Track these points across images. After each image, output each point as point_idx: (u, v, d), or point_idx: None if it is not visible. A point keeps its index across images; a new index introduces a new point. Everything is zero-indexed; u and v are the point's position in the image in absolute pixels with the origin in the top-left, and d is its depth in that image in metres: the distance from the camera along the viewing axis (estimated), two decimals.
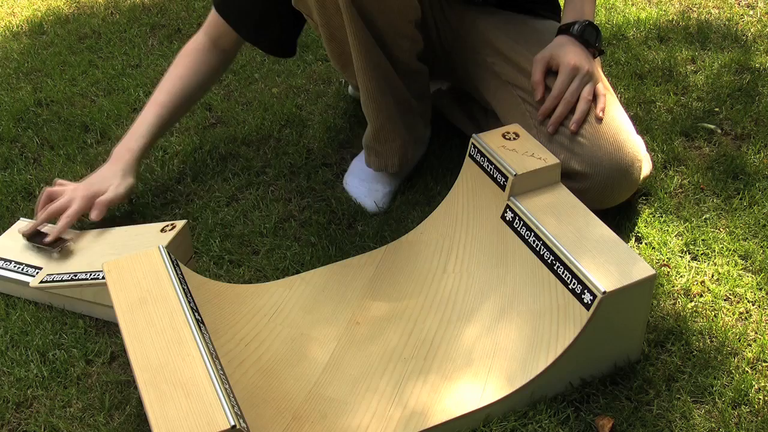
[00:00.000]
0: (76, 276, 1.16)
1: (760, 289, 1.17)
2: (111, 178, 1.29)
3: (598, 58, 1.28)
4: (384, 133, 1.30)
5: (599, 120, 1.19)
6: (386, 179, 1.37)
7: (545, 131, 1.20)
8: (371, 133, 1.31)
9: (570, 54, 1.21)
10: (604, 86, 1.23)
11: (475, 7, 1.37)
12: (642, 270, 0.97)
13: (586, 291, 0.96)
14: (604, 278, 0.96)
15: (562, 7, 1.36)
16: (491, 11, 1.37)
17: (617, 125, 1.20)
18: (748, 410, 1.00)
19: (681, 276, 1.19)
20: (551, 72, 1.23)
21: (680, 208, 1.31)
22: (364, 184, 1.36)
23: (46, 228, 1.25)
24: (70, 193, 1.26)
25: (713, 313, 1.13)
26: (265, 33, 1.35)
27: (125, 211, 1.38)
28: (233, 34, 1.35)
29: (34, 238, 1.24)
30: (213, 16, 1.35)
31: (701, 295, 1.16)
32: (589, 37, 1.24)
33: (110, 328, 1.16)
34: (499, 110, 1.30)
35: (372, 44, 1.17)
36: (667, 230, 1.27)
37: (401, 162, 1.34)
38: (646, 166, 1.24)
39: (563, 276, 1.00)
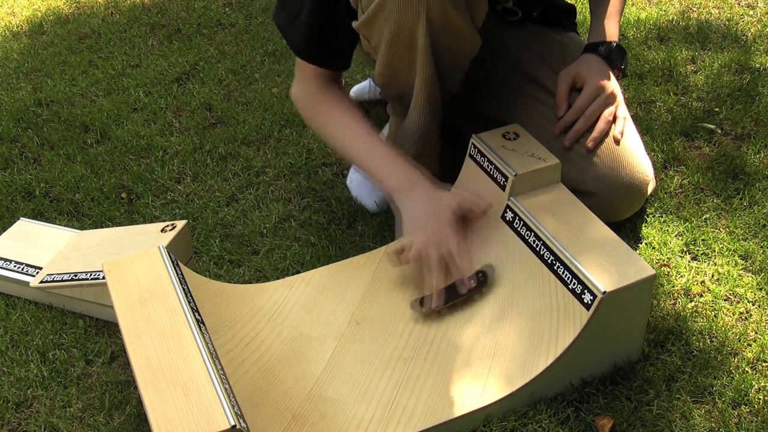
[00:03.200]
0: (76, 276, 1.16)
1: (760, 289, 1.16)
2: (442, 195, 1.12)
3: (620, 79, 1.29)
4: (422, 158, 1.30)
5: (616, 142, 1.20)
6: None
7: (559, 146, 1.21)
8: (410, 157, 1.30)
9: (596, 73, 1.23)
10: (625, 109, 1.24)
11: (512, 24, 1.37)
12: (642, 270, 0.97)
13: (586, 291, 0.96)
14: (604, 278, 0.96)
15: (588, 16, 1.36)
16: (522, 25, 1.37)
17: (631, 148, 1.21)
18: (748, 410, 1.00)
19: (681, 276, 1.19)
20: (575, 89, 1.25)
21: (680, 208, 1.31)
22: (366, 184, 1.36)
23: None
24: (438, 240, 1.07)
25: (713, 313, 1.13)
26: (341, 58, 1.25)
27: (125, 211, 1.38)
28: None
29: (446, 297, 1.07)
30: (313, 68, 1.21)
31: (701, 295, 1.16)
32: (616, 58, 1.25)
33: (110, 328, 1.16)
34: (513, 121, 1.31)
35: (435, 83, 1.17)
36: (667, 230, 1.27)
37: None
38: (650, 186, 1.25)
39: (563, 276, 1.00)
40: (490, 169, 1.13)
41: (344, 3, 1.14)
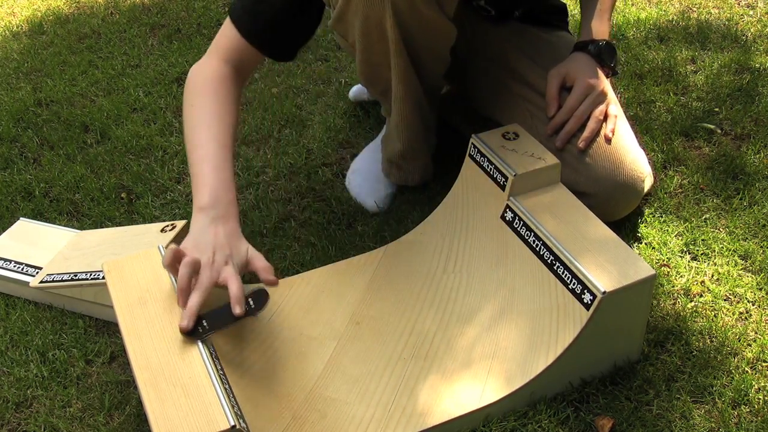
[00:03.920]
0: (76, 276, 1.16)
1: (760, 289, 1.17)
2: (242, 242, 1.03)
3: (611, 78, 1.29)
4: (411, 152, 1.30)
5: (608, 141, 1.20)
6: (389, 180, 1.37)
7: (552, 147, 1.21)
8: (398, 152, 1.30)
9: (586, 72, 1.23)
10: (616, 107, 1.24)
11: (491, 20, 1.37)
12: (642, 270, 0.97)
13: (586, 291, 0.96)
14: (604, 278, 0.96)
15: (579, 16, 1.36)
16: (506, 23, 1.37)
17: (624, 146, 1.20)
18: (747, 410, 1.00)
19: (681, 276, 1.19)
20: (565, 88, 1.24)
21: (680, 208, 1.31)
22: (366, 183, 1.36)
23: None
24: (211, 266, 0.97)
25: (713, 313, 1.13)
26: (284, 47, 1.22)
27: (125, 211, 1.38)
28: (258, 57, 1.19)
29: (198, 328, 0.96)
30: (235, 42, 1.17)
31: (701, 295, 1.16)
32: (606, 57, 1.25)
33: (110, 328, 1.16)
34: (505, 122, 1.31)
35: (412, 73, 1.17)
36: (667, 230, 1.27)
37: (422, 178, 1.36)
38: (648, 182, 1.25)
39: (563, 276, 1.00)
40: (490, 168, 1.13)
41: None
